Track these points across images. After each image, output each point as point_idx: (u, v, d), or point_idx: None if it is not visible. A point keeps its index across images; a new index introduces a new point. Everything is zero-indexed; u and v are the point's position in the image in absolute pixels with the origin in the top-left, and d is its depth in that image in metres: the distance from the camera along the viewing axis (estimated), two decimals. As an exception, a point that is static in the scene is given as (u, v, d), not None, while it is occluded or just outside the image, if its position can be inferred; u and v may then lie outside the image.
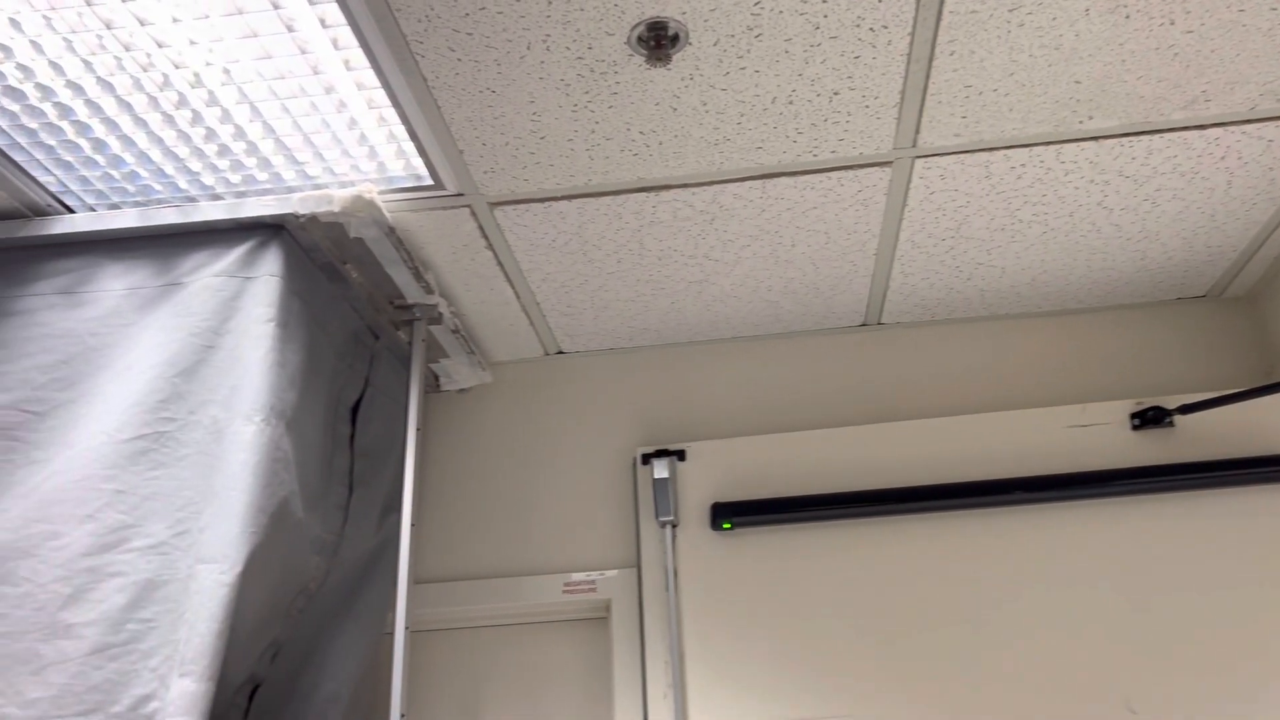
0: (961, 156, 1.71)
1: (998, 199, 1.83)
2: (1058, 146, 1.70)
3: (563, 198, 1.78)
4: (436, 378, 2.34)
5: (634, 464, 2.25)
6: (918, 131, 1.65)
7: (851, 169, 1.73)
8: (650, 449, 2.19)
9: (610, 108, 1.56)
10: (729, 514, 2.07)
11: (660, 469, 2.14)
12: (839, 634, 1.99)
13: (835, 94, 1.55)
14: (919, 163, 1.73)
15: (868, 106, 1.58)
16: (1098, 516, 2.02)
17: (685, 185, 1.76)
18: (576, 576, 2.16)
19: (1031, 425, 2.11)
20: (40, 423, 1.62)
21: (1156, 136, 1.69)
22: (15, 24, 1.37)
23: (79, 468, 1.57)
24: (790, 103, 1.57)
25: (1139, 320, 2.24)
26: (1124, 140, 1.69)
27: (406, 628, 1.79)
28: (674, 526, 2.11)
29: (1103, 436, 2.08)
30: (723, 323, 2.24)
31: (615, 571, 2.15)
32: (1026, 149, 1.70)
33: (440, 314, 2.04)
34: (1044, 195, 1.83)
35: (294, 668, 1.87)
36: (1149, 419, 2.05)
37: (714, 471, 2.16)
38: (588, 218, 1.83)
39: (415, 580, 2.18)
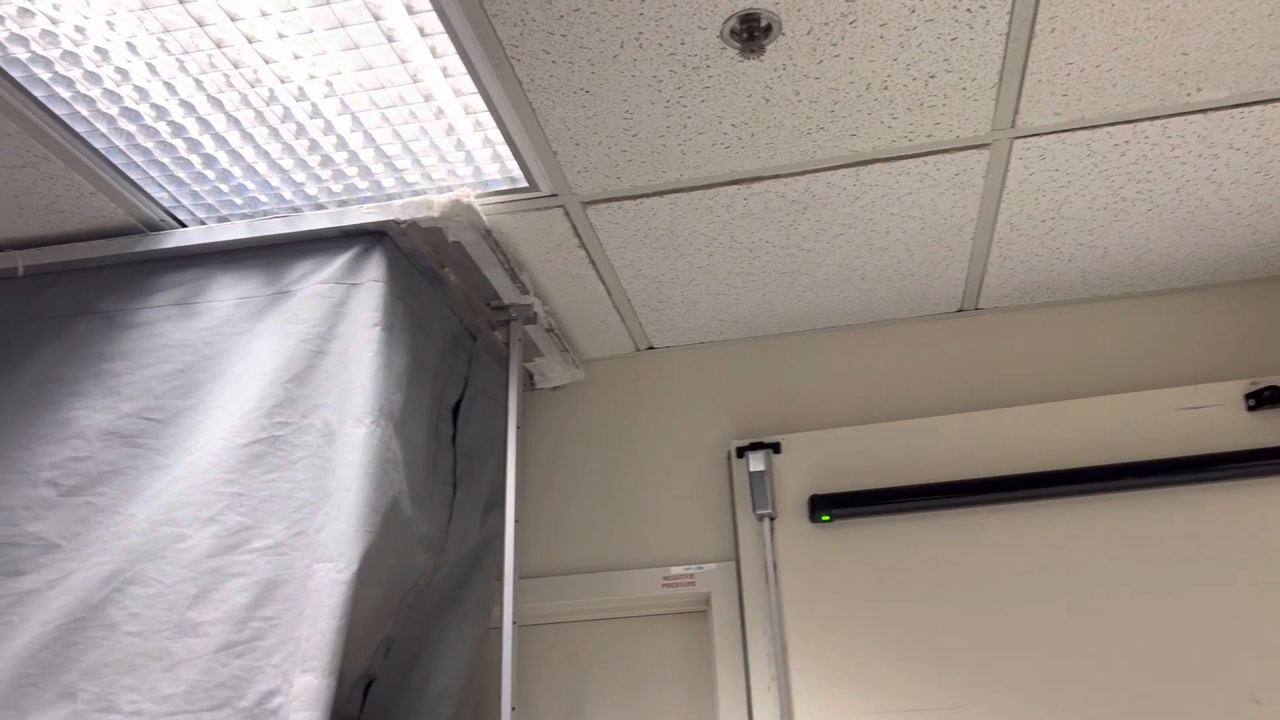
0: (1062, 135, 1.67)
1: (1100, 178, 1.78)
2: (1164, 121, 1.65)
3: (654, 194, 1.79)
4: (531, 376, 2.37)
5: (728, 457, 2.25)
6: (1016, 112, 1.61)
7: (948, 153, 1.70)
8: (744, 442, 2.19)
9: (702, 102, 1.56)
10: (828, 506, 2.06)
11: (756, 462, 2.13)
12: (944, 624, 1.96)
13: (931, 77, 1.53)
14: (1018, 144, 1.69)
15: (965, 89, 1.56)
16: (1213, 500, 1.95)
17: (777, 176, 1.75)
18: (675, 570, 2.17)
19: (1140, 408, 2.05)
20: (162, 430, 1.69)
21: (1269, 106, 1.62)
22: (132, 47, 1.43)
23: (200, 472, 1.63)
24: (885, 88, 1.55)
25: (1252, 297, 2.16)
26: (1234, 112, 1.63)
27: (514, 622, 1.82)
28: (772, 519, 2.11)
29: (1216, 418, 2.01)
30: (815, 313, 2.22)
31: (714, 565, 2.15)
32: (1131, 125, 1.66)
33: (535, 313, 2.07)
34: (1149, 172, 1.77)
35: (405, 663, 1.91)
36: (1265, 399, 1.98)
37: (810, 464, 2.14)
38: (679, 213, 1.84)
39: (519, 576, 2.22)
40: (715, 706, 2.07)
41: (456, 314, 2.03)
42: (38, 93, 1.49)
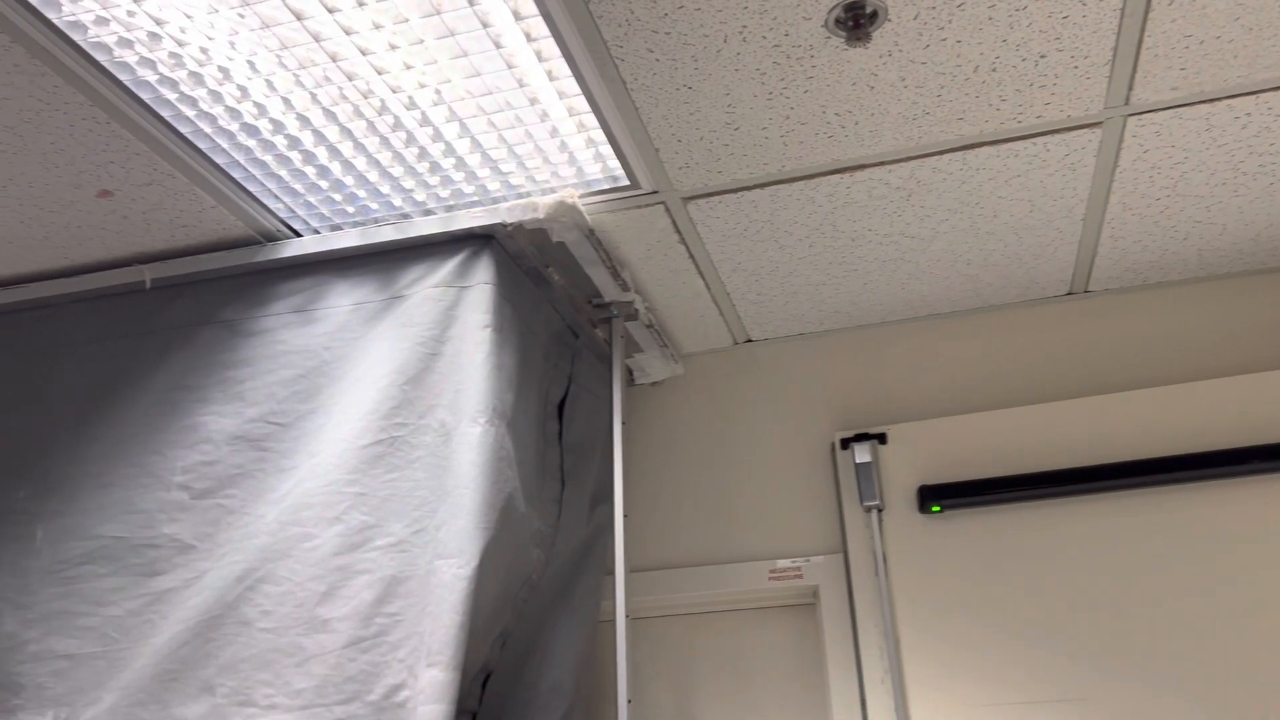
0: (1179, 110, 1.62)
1: (1219, 152, 1.72)
2: (1289, 90, 1.58)
3: (755, 186, 1.78)
4: (630, 372, 2.39)
5: (832, 449, 2.23)
6: (1131, 89, 1.57)
7: (1058, 133, 1.66)
8: (849, 433, 2.17)
9: (806, 92, 1.55)
10: (937, 496, 2.03)
11: (862, 453, 2.11)
12: (1061, 614, 1.92)
13: (1042, 57, 1.50)
14: (1132, 121, 1.64)
15: (1077, 67, 1.52)
16: (1347, 484, 1.87)
17: (881, 163, 1.73)
18: (781, 563, 2.17)
19: (1262, 390, 1.97)
20: (285, 433, 1.75)
21: (1404, 69, 1.55)
22: (252, 65, 1.48)
23: (324, 473, 1.69)
24: (994, 70, 1.52)
25: (1382, 270, 2.07)
26: (1366, 77, 1.56)
27: (627, 615, 1.84)
28: (879, 511, 2.09)
29: (1348, 398, 1.93)
30: (918, 301, 2.19)
31: (821, 558, 2.14)
32: (1253, 97, 1.60)
33: (636, 310, 2.09)
34: (1271, 144, 1.71)
35: (520, 657, 1.95)
36: (1402, 377, 1.89)
37: (917, 454, 2.12)
38: (780, 204, 1.83)
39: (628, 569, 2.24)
40: (826, 699, 2.06)
41: (559, 313, 2.05)
42: (165, 113, 1.55)
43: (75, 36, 1.40)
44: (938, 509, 2.03)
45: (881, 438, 2.14)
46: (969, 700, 1.91)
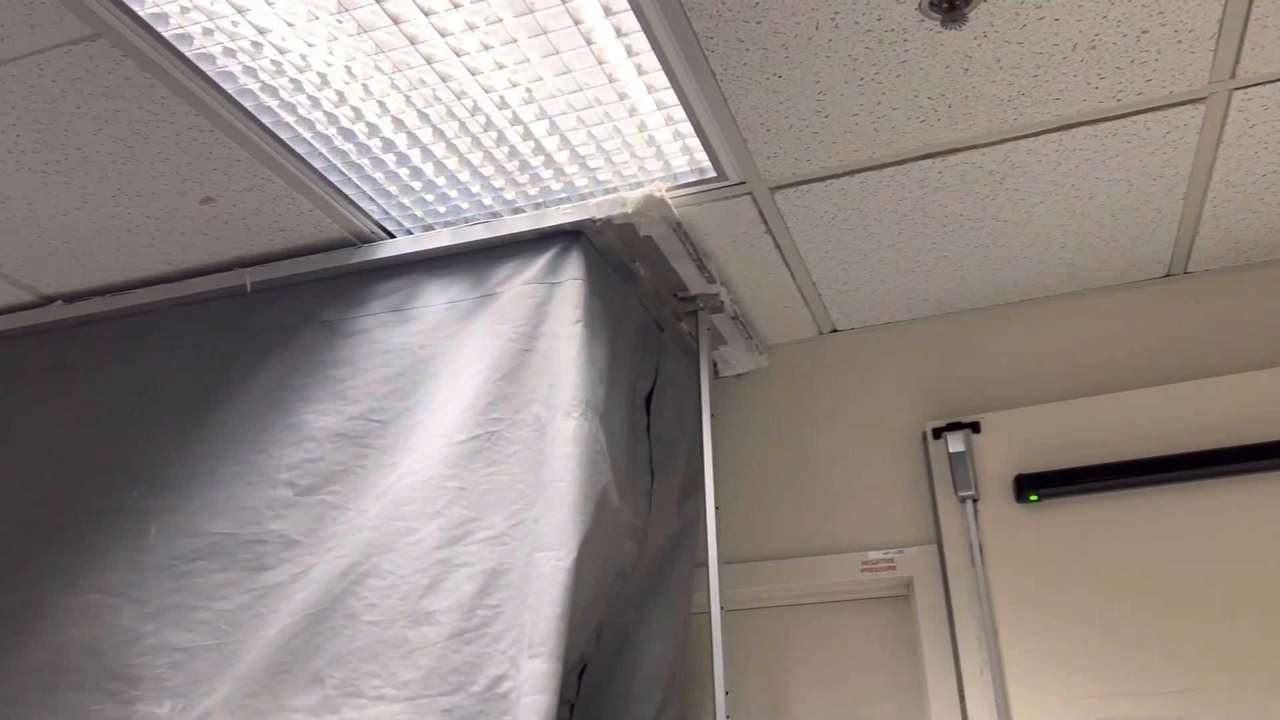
0: (1289, 82, 1.57)
1: (1330, 123, 1.66)
2: None
3: (844, 174, 1.77)
4: (715, 364, 2.39)
5: (924, 438, 2.20)
6: (1237, 62, 1.52)
7: (1159, 110, 1.62)
8: (941, 423, 2.14)
9: (898, 77, 1.53)
10: (1035, 485, 1.99)
11: (955, 442, 2.08)
12: (1163, 605, 1.87)
13: (1144, 33, 1.46)
14: (1237, 95, 1.59)
15: (1180, 41, 1.48)
16: None
17: (974, 146, 1.70)
18: (874, 555, 2.15)
19: (1380, 370, 1.90)
20: (385, 430, 1.79)
21: None
22: (349, 70, 1.51)
23: (424, 468, 1.72)
24: (1093, 48, 1.49)
25: None
26: None
27: (722, 608, 1.85)
28: (974, 501, 2.05)
29: None
30: (1010, 286, 2.15)
31: (915, 549, 2.12)
32: (1368, 64, 1.54)
33: (721, 302, 2.08)
34: (1387, 113, 1.64)
35: (614, 649, 1.96)
36: None
37: (1012, 442, 2.08)
38: (869, 191, 1.81)
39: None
40: (923, 691, 2.04)
41: (645, 306, 2.06)
42: (265, 120, 1.60)
43: (183, 49, 1.44)
44: (1035, 498, 1.99)
45: (975, 426, 2.11)
46: (1070, 691, 1.87)
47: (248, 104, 1.56)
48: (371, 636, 1.65)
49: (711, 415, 2.00)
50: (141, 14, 1.38)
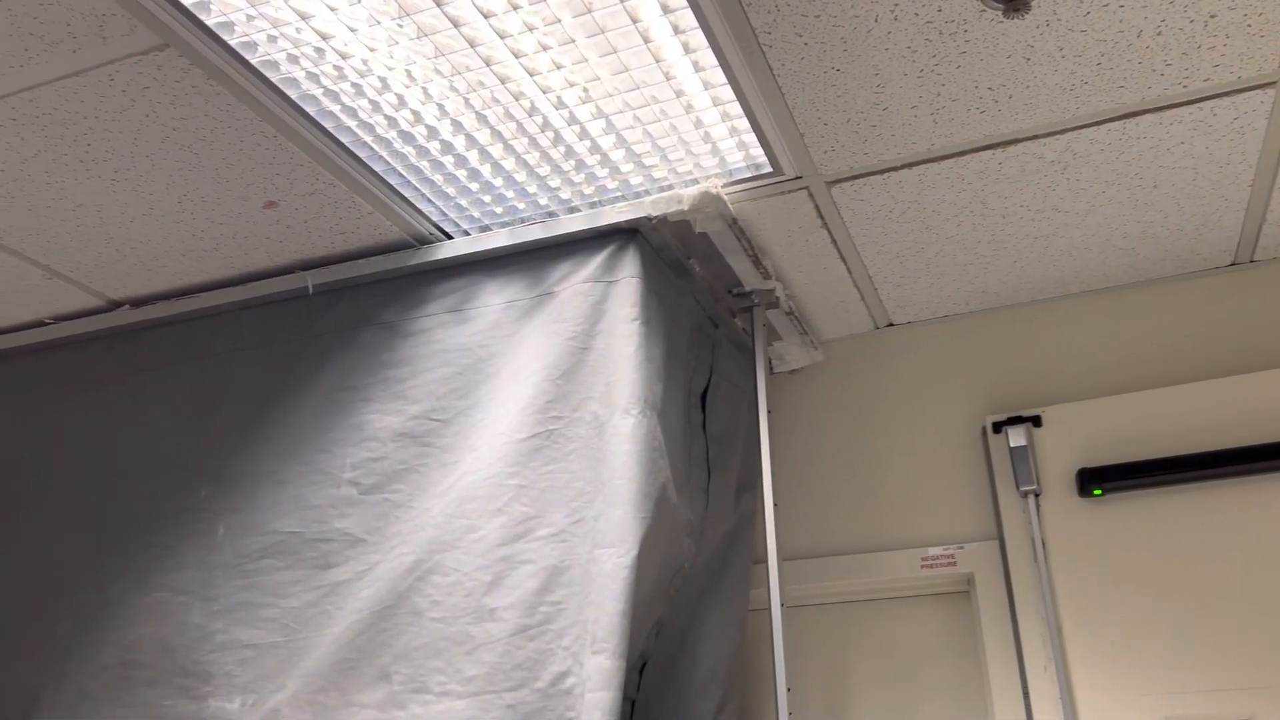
0: (1363, 63, 1.53)
1: (1406, 106, 1.62)
2: None
3: (902, 167, 1.76)
4: (769, 360, 2.38)
5: (983, 433, 2.18)
6: (1309, 43, 1.48)
7: (1227, 95, 1.59)
8: (1001, 416, 2.12)
9: (958, 68, 1.52)
10: (1098, 479, 1.96)
11: (1016, 436, 2.06)
12: (1231, 600, 1.83)
13: (1212, 17, 1.43)
14: (1309, 78, 1.56)
15: (1250, 25, 1.45)
16: None
17: (1035, 137, 1.68)
18: (934, 551, 2.13)
19: None
20: (446, 429, 1.81)
21: None
22: (409, 74, 1.53)
23: (485, 467, 1.73)
24: (1158, 34, 1.46)
25: None
26: None
27: (782, 604, 1.84)
28: (1036, 496, 2.03)
29: None
30: (1070, 277, 2.12)
31: (975, 544, 2.10)
32: None
33: (777, 298, 2.08)
34: None
35: (674, 645, 1.97)
36: None
37: (1074, 436, 2.05)
38: (927, 184, 1.80)
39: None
40: (986, 687, 2.02)
41: (700, 303, 2.06)
42: (328, 124, 1.62)
43: (248, 56, 1.47)
44: (1099, 492, 1.96)
45: (1036, 420, 2.08)
46: (1137, 688, 1.84)
47: (310, 109, 1.58)
48: (436, 633, 1.67)
49: (769, 411, 1.99)
50: (208, 23, 1.41)
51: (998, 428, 2.11)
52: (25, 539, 2.01)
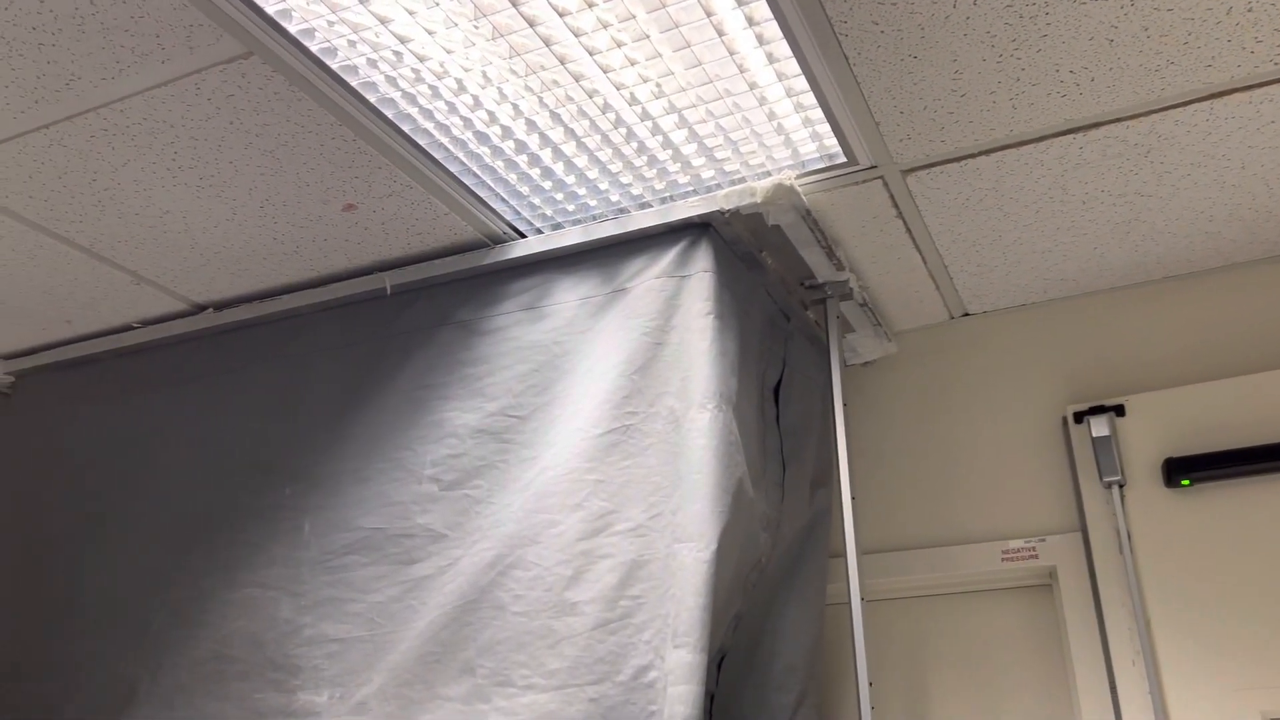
0: None
1: None
2: None
3: (980, 153, 1.73)
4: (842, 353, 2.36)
5: (1064, 423, 2.14)
6: None
7: (1322, 71, 1.54)
8: (1082, 406, 2.08)
9: (1038, 52, 1.49)
10: (1186, 469, 1.91)
11: (1099, 426, 2.02)
12: (1336, 593, 1.78)
13: (1306, -10, 1.38)
14: None
15: (1347, -3, 1.40)
16: None
17: (1118, 120, 1.64)
18: (1014, 544, 2.10)
19: None
20: (524, 425, 1.82)
21: None
22: (485, 75, 1.55)
23: (564, 462, 1.75)
24: (1249, 9, 1.42)
25: None
26: None
27: (862, 598, 1.83)
28: (1121, 486, 1.99)
29: None
30: (1153, 263, 2.07)
31: (1058, 537, 2.06)
32: None
33: (850, 289, 2.06)
34: None
35: (751, 639, 1.96)
36: None
37: (1159, 425, 2.00)
38: (1005, 170, 1.77)
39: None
40: (1070, 682, 1.99)
41: (772, 296, 2.05)
42: (405, 127, 1.65)
43: (329, 61, 1.50)
44: (1187, 482, 1.92)
45: (1119, 409, 2.04)
46: (1231, 682, 1.80)
47: (388, 112, 1.61)
48: (519, 627, 1.69)
49: (844, 404, 1.98)
50: (291, 30, 1.44)
51: (1079, 418, 2.07)
52: (121, 538, 2.08)
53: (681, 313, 1.79)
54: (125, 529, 2.08)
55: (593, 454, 1.73)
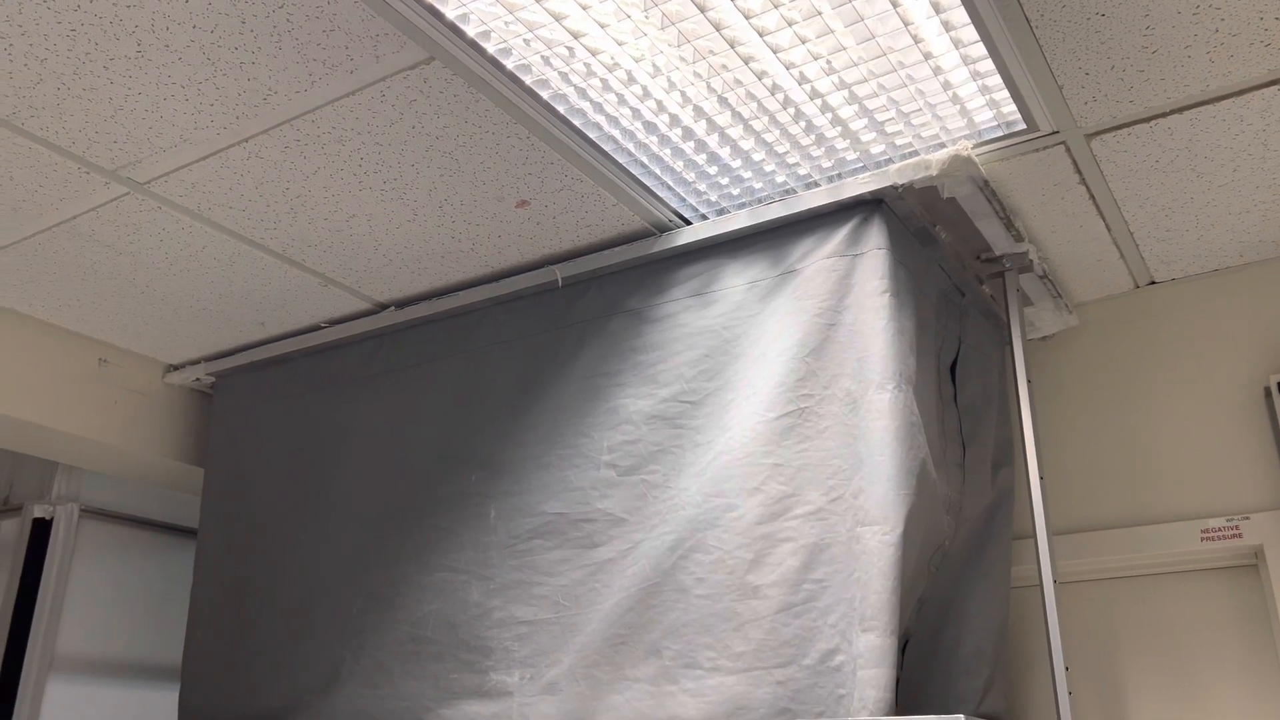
0: None
1: None
2: None
3: (1172, 112, 1.63)
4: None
5: (1266, 394, 2.00)
6: None
7: None
8: (1289, 375, 1.94)
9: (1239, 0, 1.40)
10: None
11: (1309, 396, 1.88)
12: None
13: None
14: None
15: None
16: None
17: (1331, 66, 1.52)
18: (1214, 522, 1.98)
19: None
20: (697, 410, 1.84)
21: None
22: (655, 64, 1.56)
23: (739, 446, 1.75)
24: None
25: None
26: None
27: (1054, 581, 1.77)
28: (1337, 459, 1.85)
29: None
30: (1368, 219, 1.92)
31: (1263, 514, 1.93)
32: None
33: (1030, 261, 1.98)
34: None
35: (935, 623, 1.92)
36: None
37: (1381, 392, 1.85)
38: (1200, 128, 1.67)
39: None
40: (1278, 666, 1.87)
41: (946, 271, 2.00)
42: (576, 121, 1.68)
43: (505, 61, 1.54)
44: None
45: (1332, 377, 1.89)
46: None
47: (561, 108, 1.64)
48: (703, 609, 1.71)
49: (1029, 381, 1.91)
50: (469, 34, 1.49)
51: (1285, 387, 1.93)
52: (321, 528, 2.21)
53: (855, 292, 1.76)
54: (324, 518, 2.20)
55: (769, 438, 1.73)
